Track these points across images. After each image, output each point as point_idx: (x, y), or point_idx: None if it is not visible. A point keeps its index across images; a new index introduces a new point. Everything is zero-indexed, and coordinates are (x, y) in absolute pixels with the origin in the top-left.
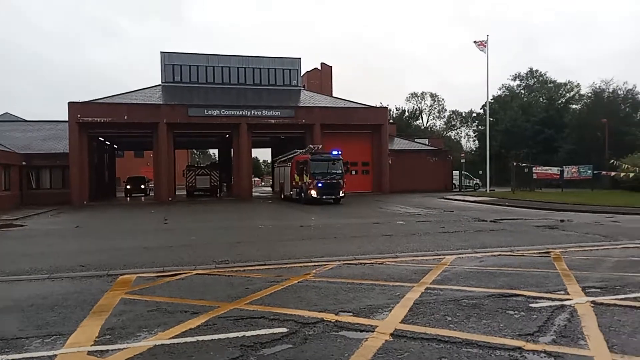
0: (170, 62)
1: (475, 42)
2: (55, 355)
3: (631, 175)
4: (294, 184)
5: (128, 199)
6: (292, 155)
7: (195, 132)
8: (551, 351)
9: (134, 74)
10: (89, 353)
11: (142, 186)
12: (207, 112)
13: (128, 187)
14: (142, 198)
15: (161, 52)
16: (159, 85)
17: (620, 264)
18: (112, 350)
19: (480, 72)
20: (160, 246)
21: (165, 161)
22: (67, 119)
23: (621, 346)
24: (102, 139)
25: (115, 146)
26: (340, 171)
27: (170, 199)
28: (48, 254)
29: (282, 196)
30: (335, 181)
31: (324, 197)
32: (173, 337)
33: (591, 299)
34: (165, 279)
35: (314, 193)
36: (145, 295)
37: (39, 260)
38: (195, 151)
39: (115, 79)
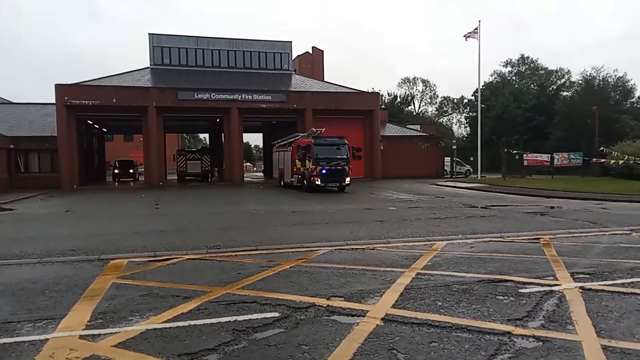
0: (159, 44)
1: (465, 35)
2: (47, 339)
3: (620, 162)
4: (294, 170)
5: (116, 183)
6: (293, 139)
7: (185, 116)
8: (540, 336)
9: (120, 56)
10: (81, 337)
11: (131, 170)
12: (197, 95)
13: (116, 171)
14: (132, 183)
15: (149, 33)
16: (148, 67)
17: (608, 251)
18: (104, 334)
19: (472, 57)
20: (151, 231)
21: (156, 145)
22: (54, 102)
23: (609, 331)
24: (91, 122)
25: (104, 130)
26: (346, 156)
27: (161, 183)
28: (38, 238)
29: (282, 183)
30: (340, 167)
31: (328, 184)
32: (165, 322)
33: (580, 284)
34: (156, 263)
35: (317, 180)
36: (137, 280)
37: (29, 244)
38: (186, 135)
39: (101, 61)
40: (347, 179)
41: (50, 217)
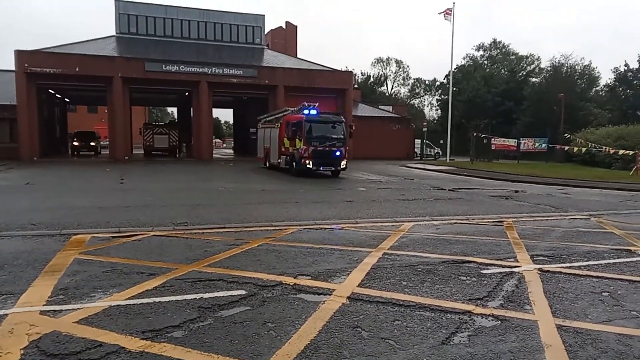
0: (125, 11)
1: (440, 12)
2: (6, 315)
3: (583, 150)
4: (283, 149)
5: (76, 157)
6: (282, 115)
7: (152, 89)
8: (498, 315)
9: (84, 24)
10: (42, 313)
11: (93, 143)
12: (165, 67)
13: (75, 143)
14: (92, 157)
15: (115, 0)
16: (113, 36)
17: (567, 234)
18: (65, 310)
19: (446, 39)
20: (116, 206)
21: (121, 118)
22: (13, 69)
23: (564, 311)
24: (53, 92)
25: (66, 100)
26: (343, 136)
27: (126, 158)
28: None
29: (267, 164)
30: (335, 149)
31: (321, 168)
32: (129, 298)
33: (538, 266)
34: (121, 239)
35: (308, 163)
36: (100, 256)
37: None
38: (153, 109)
39: (64, 28)
40: (343, 163)
41: (9, 189)
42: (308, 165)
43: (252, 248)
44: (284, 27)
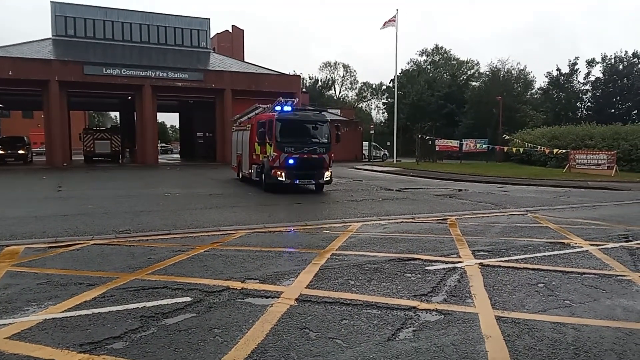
0: (62, 13)
1: (383, 25)
2: None
3: (521, 149)
4: (254, 157)
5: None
6: (254, 113)
7: (93, 93)
8: (442, 309)
9: (18, 26)
10: None
11: (21, 151)
12: (105, 70)
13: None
14: (23, 165)
15: (51, 1)
16: (50, 38)
17: (506, 230)
18: None
19: (391, 44)
20: (52, 215)
21: (58, 123)
22: None
23: (502, 303)
24: None
25: (0, 105)
26: (326, 140)
27: (65, 164)
28: None
29: (240, 175)
30: (316, 156)
31: (296, 181)
32: (65, 311)
33: (479, 261)
34: (58, 250)
35: (281, 175)
36: (35, 268)
37: None
38: (94, 113)
39: None
40: (327, 173)
41: None
42: (280, 178)
43: (198, 254)
44: (230, 30)
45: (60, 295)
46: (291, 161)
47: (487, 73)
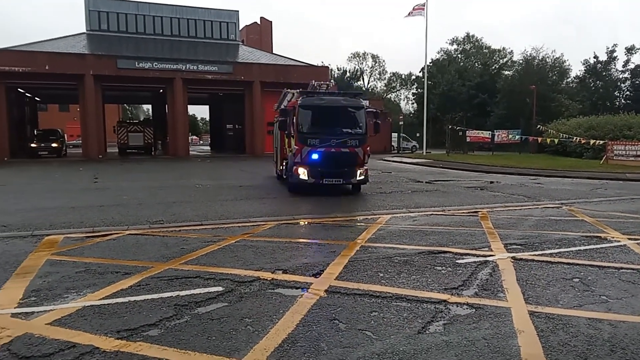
0: (96, 8)
1: (409, 13)
2: None
3: (555, 140)
4: (284, 152)
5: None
6: (286, 101)
7: (126, 86)
8: (473, 303)
9: (53, 21)
10: (13, 315)
11: (55, 144)
12: (138, 64)
13: (32, 145)
14: (58, 156)
15: None
16: (84, 33)
17: (540, 223)
18: (37, 312)
19: (420, 33)
20: (89, 205)
21: (94, 116)
22: None
23: (536, 298)
24: (22, 91)
25: (37, 99)
26: (361, 131)
27: (100, 156)
28: None
29: (276, 173)
30: (347, 150)
31: (324, 180)
32: (103, 298)
33: (512, 255)
34: (95, 239)
35: (303, 173)
36: (73, 256)
37: None
38: (127, 106)
39: (31, 25)
40: (361, 171)
41: None
42: (302, 177)
43: (229, 244)
44: (258, 22)
45: (97, 283)
46: (315, 156)
47: (521, 62)
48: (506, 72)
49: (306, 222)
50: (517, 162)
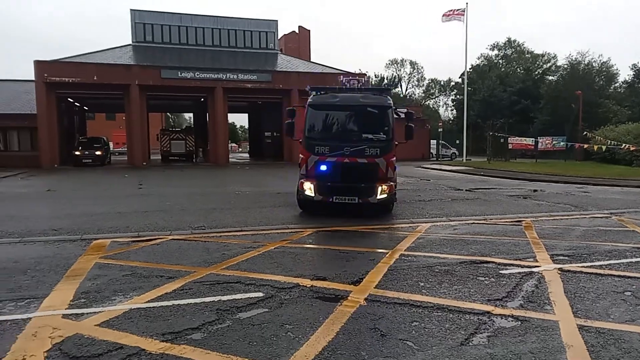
0: (141, 20)
1: (446, 17)
2: (30, 318)
3: (603, 147)
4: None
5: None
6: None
7: (169, 95)
8: (518, 315)
9: (100, 33)
10: (64, 316)
11: (98, 152)
12: (180, 74)
13: (77, 152)
14: (99, 165)
15: (131, 9)
16: (129, 45)
17: (588, 233)
18: (87, 313)
19: (459, 39)
20: (134, 211)
21: (138, 124)
22: (33, 79)
23: (585, 311)
24: (72, 100)
25: (85, 108)
26: (384, 136)
27: (144, 163)
28: (19, 218)
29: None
30: (364, 161)
31: (334, 198)
32: (149, 301)
33: (559, 266)
34: (140, 244)
35: (309, 188)
36: (120, 260)
37: (9, 223)
38: (170, 115)
39: (80, 38)
40: (382, 188)
41: (30, 196)
42: (307, 193)
43: (269, 250)
44: (297, 31)
45: (143, 286)
46: (323, 167)
47: (565, 66)
48: (550, 78)
49: (344, 230)
50: (562, 169)
